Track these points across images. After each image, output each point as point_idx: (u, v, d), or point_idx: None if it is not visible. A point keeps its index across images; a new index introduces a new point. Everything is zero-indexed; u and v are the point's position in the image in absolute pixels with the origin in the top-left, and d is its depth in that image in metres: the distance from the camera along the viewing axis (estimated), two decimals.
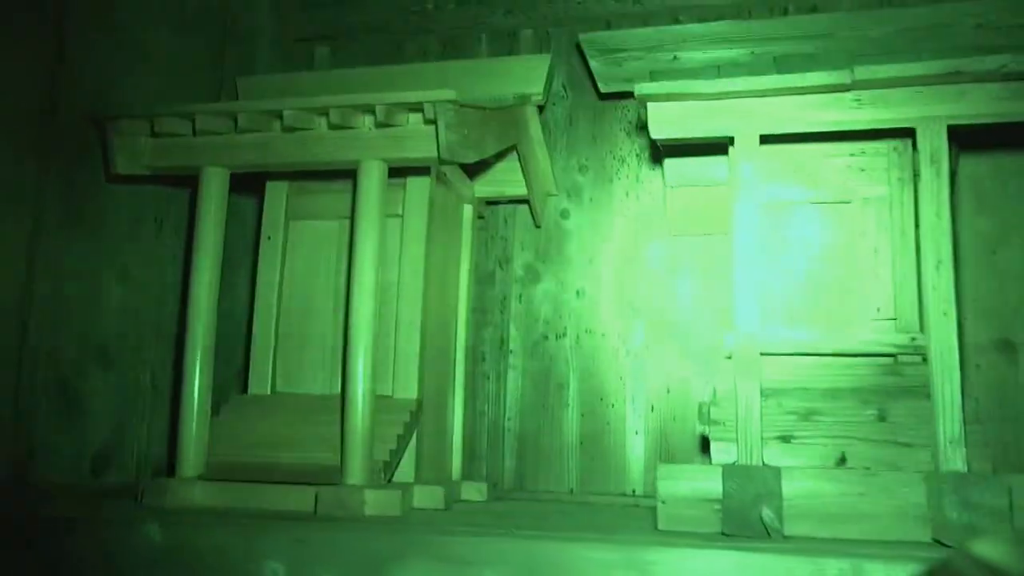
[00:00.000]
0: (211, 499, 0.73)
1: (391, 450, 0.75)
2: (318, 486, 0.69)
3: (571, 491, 0.97)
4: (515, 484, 0.99)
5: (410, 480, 0.79)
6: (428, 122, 0.72)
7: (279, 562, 0.60)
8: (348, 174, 0.80)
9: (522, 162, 0.97)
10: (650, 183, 1.02)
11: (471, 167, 0.96)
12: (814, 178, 0.75)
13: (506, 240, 1.06)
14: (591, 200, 1.04)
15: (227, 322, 0.92)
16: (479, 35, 1.08)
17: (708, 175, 0.84)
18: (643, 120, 0.71)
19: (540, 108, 0.96)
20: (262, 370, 0.86)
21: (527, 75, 0.91)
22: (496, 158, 0.97)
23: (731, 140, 0.70)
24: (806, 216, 0.75)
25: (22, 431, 0.74)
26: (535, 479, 0.99)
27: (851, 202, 0.74)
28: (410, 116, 0.73)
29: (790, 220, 0.75)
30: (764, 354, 0.68)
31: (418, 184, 0.85)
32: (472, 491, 0.90)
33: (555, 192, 1.04)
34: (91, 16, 0.84)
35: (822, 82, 0.65)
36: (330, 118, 0.73)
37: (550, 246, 1.04)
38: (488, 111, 0.79)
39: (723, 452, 0.67)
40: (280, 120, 0.75)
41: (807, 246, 0.75)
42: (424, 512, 0.75)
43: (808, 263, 0.75)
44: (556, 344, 1.01)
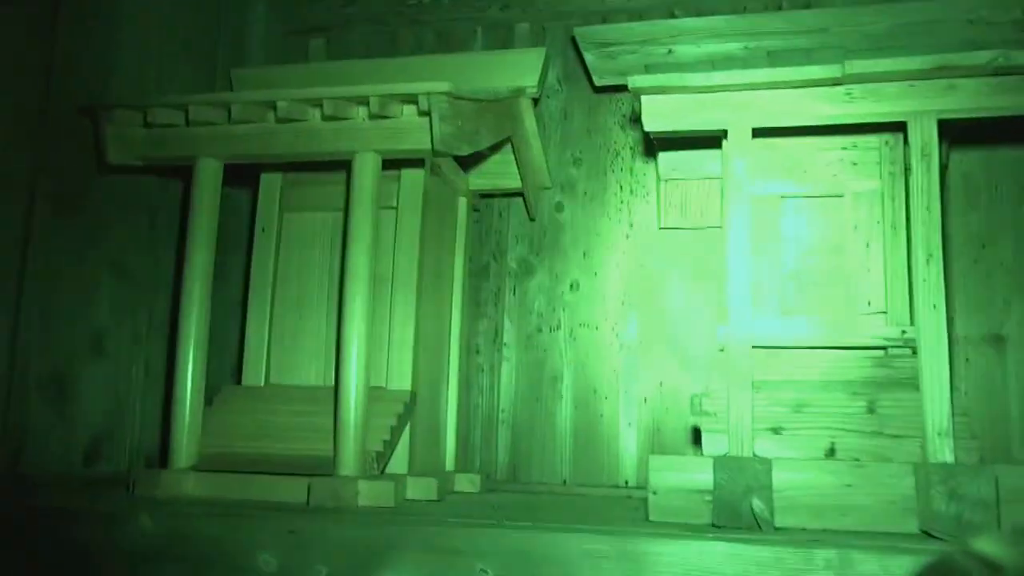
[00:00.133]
0: (204, 490, 0.73)
1: (385, 441, 0.76)
2: (311, 477, 0.70)
3: (564, 482, 0.98)
4: (508, 475, 0.99)
5: (404, 471, 0.80)
6: (422, 114, 0.72)
7: (272, 553, 0.60)
8: (342, 166, 0.80)
9: (516, 155, 0.97)
10: (644, 176, 1.03)
11: (465, 160, 0.96)
12: (807, 172, 0.75)
13: (500, 233, 1.06)
14: (585, 193, 1.04)
15: (221, 313, 0.92)
16: (474, 28, 1.08)
17: (701, 168, 0.85)
18: (637, 113, 0.71)
19: (535, 101, 0.96)
20: (256, 361, 0.86)
21: (522, 68, 0.91)
22: (491, 151, 0.97)
23: (724, 133, 0.70)
24: (798, 210, 0.76)
25: (14, 422, 0.74)
26: (528, 471, 0.99)
27: (843, 196, 0.75)
28: (404, 108, 0.73)
29: (783, 213, 0.76)
30: (756, 347, 0.69)
31: (412, 176, 0.85)
32: (466, 482, 0.90)
33: (549, 185, 1.04)
34: (85, 6, 0.83)
35: (814, 76, 0.65)
36: (324, 109, 0.73)
37: (544, 239, 1.04)
38: (483, 103, 0.79)
39: (714, 444, 0.68)
40: (274, 111, 0.74)
41: (799, 239, 0.75)
42: (417, 503, 0.75)
43: (800, 256, 0.75)
44: (550, 337, 1.02)
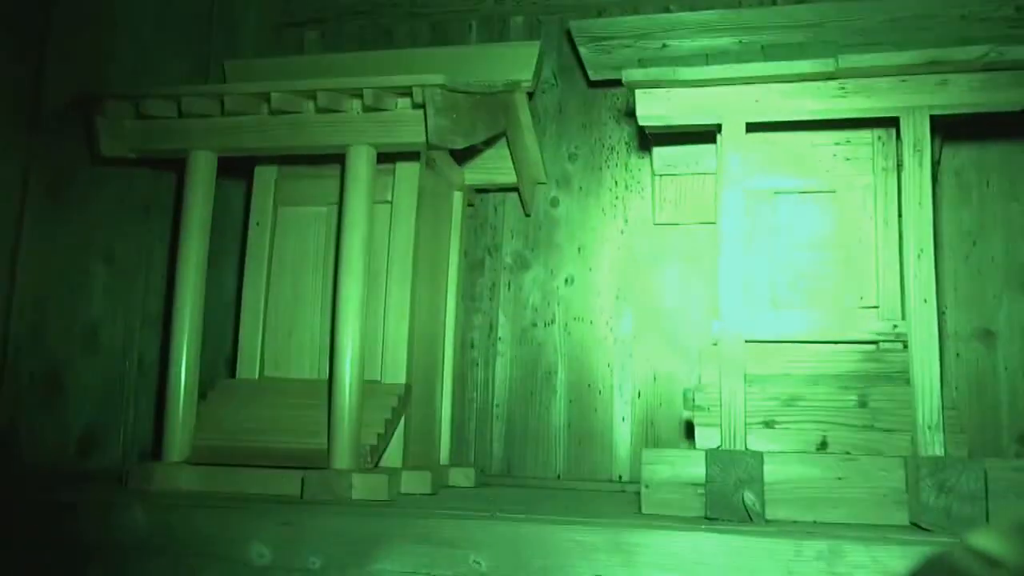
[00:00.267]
0: (197, 483, 0.73)
1: (379, 434, 0.76)
2: (305, 470, 0.70)
3: (558, 476, 0.98)
4: (503, 469, 1.00)
5: (398, 465, 0.80)
6: (417, 106, 0.71)
7: (265, 545, 0.60)
8: (337, 159, 0.80)
9: (512, 150, 0.97)
10: (639, 171, 1.03)
11: (460, 154, 0.96)
12: (800, 167, 0.75)
13: (495, 228, 1.06)
14: (580, 188, 1.04)
15: (215, 307, 0.92)
16: (469, 22, 1.08)
17: (695, 164, 0.85)
18: (632, 107, 0.71)
19: (530, 95, 0.96)
20: (250, 355, 0.86)
21: (517, 62, 0.91)
22: (485, 145, 0.96)
23: (718, 128, 0.70)
24: (792, 205, 0.76)
25: (6, 415, 0.74)
26: (522, 465, 0.99)
27: (836, 191, 0.75)
28: (399, 101, 0.73)
29: (776, 209, 0.76)
30: (749, 341, 0.69)
31: (407, 170, 0.85)
32: (460, 476, 0.91)
33: (544, 180, 1.04)
34: None
35: (807, 70, 0.65)
36: (318, 102, 0.72)
37: (539, 234, 1.04)
38: (478, 97, 0.79)
39: (707, 437, 0.68)
40: (268, 103, 0.74)
41: (792, 235, 0.76)
42: (411, 496, 0.75)
43: (793, 252, 0.76)
44: (545, 331, 1.02)
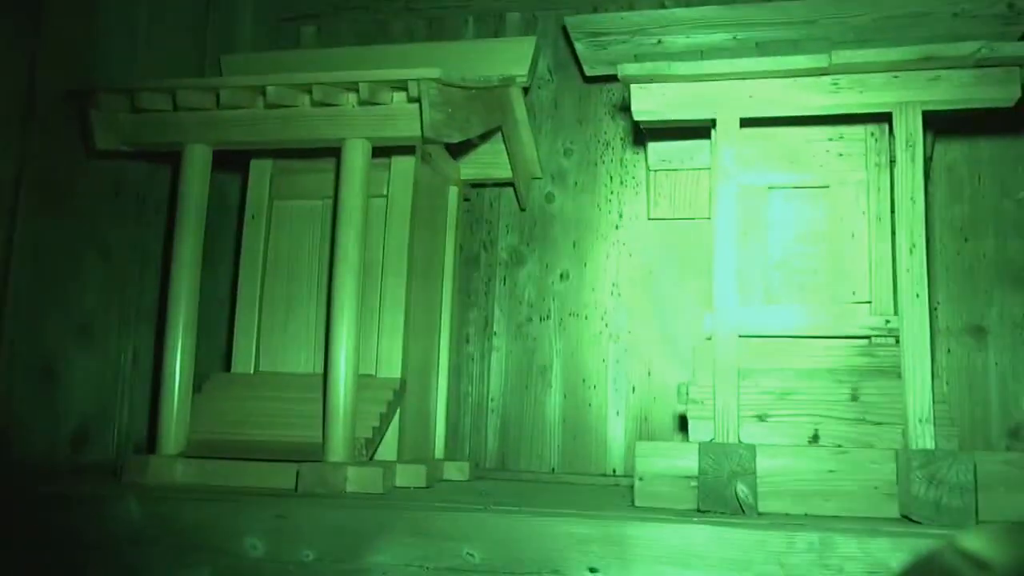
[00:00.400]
0: (192, 477, 0.73)
1: (373, 428, 0.76)
2: (300, 463, 0.70)
3: (552, 470, 0.98)
4: (497, 463, 1.00)
5: (392, 459, 0.80)
6: (412, 100, 0.72)
7: (259, 537, 0.61)
8: (333, 153, 0.80)
9: (507, 145, 0.97)
10: (634, 167, 1.03)
11: (456, 149, 0.96)
12: (794, 163, 0.76)
13: (491, 223, 1.06)
14: (576, 184, 1.04)
15: (210, 301, 0.92)
16: (465, 17, 1.08)
17: (690, 159, 0.85)
18: (627, 102, 0.71)
19: (525, 90, 0.96)
20: (245, 349, 0.86)
21: (512, 57, 0.91)
22: (481, 140, 0.97)
23: (713, 123, 0.71)
24: (785, 200, 0.76)
25: (0, 408, 0.74)
26: (517, 459, 1.00)
27: (829, 187, 0.75)
28: (394, 94, 0.73)
29: (770, 204, 0.76)
30: (742, 336, 0.69)
31: (403, 164, 0.85)
32: (454, 470, 0.91)
33: (540, 175, 1.04)
34: None
35: (801, 65, 0.66)
36: (313, 95, 0.72)
37: (535, 229, 1.05)
38: (473, 91, 0.79)
39: (701, 431, 0.68)
40: (263, 97, 0.74)
41: (786, 230, 0.76)
42: (406, 490, 0.76)
43: (787, 247, 0.76)
44: (540, 326, 1.02)
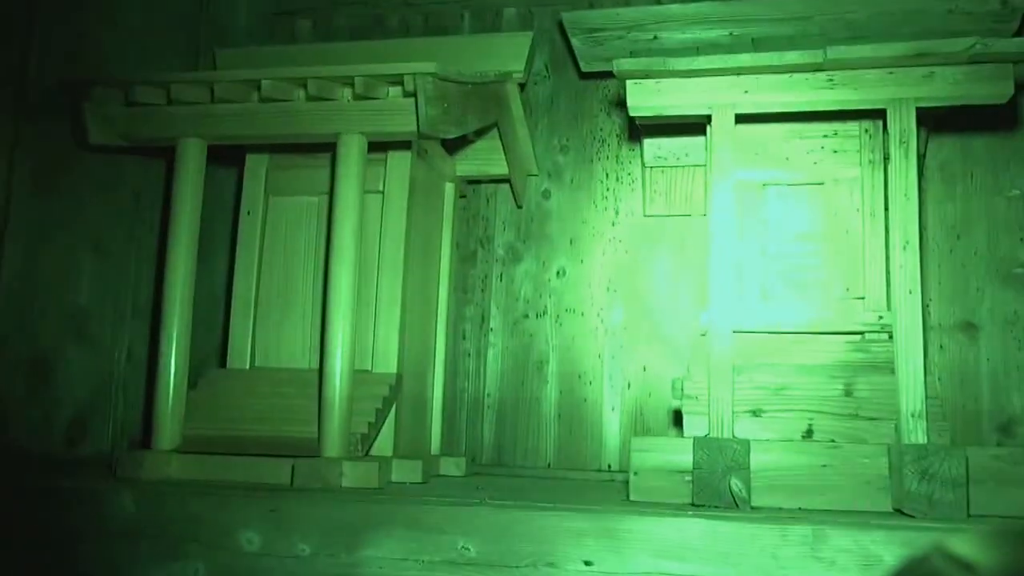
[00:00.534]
0: (187, 472, 0.73)
1: (369, 423, 0.76)
2: (295, 458, 0.70)
3: (548, 465, 0.99)
4: (493, 459, 1.00)
5: (388, 454, 0.80)
6: (408, 95, 0.71)
7: (254, 531, 0.61)
8: (328, 148, 0.80)
9: (503, 141, 0.97)
10: (629, 164, 1.03)
11: (452, 145, 0.96)
12: (789, 159, 0.76)
13: (488, 220, 1.06)
14: (572, 181, 1.04)
15: (205, 296, 0.91)
16: (462, 12, 1.07)
17: (685, 156, 0.85)
18: (623, 98, 0.71)
19: (521, 87, 0.96)
20: (241, 344, 0.85)
21: (509, 53, 0.91)
22: (477, 136, 0.97)
23: (708, 119, 0.71)
24: (780, 197, 0.77)
25: None
26: (513, 454, 1.00)
27: (824, 183, 0.76)
28: (390, 89, 0.73)
29: (765, 200, 0.77)
30: (737, 332, 0.70)
31: (399, 159, 0.85)
32: (451, 465, 0.91)
33: (536, 172, 1.04)
34: None
35: (796, 61, 0.66)
36: (308, 90, 0.72)
37: (531, 226, 1.05)
38: (469, 87, 0.79)
39: (695, 425, 0.69)
40: (258, 91, 0.74)
41: (781, 226, 0.76)
42: (402, 485, 0.76)
43: (781, 243, 0.76)
44: (536, 323, 1.02)
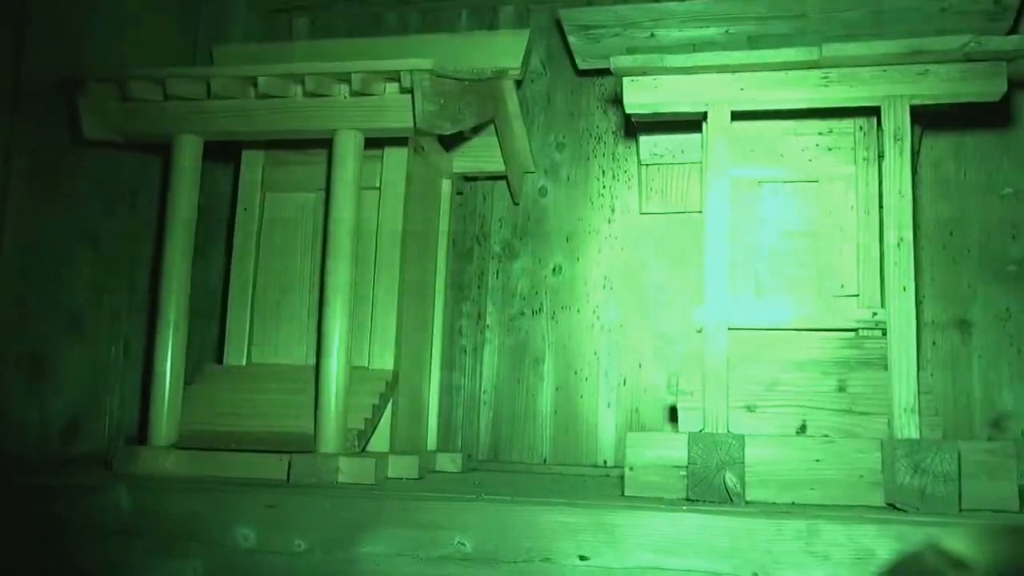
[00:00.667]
0: (183, 468, 0.73)
1: (366, 419, 0.76)
2: (292, 454, 0.70)
3: (544, 461, 0.99)
4: (489, 455, 1.00)
5: (385, 450, 0.80)
6: (404, 91, 0.72)
7: (250, 527, 0.61)
8: (325, 144, 0.80)
9: (500, 138, 0.98)
10: (625, 161, 1.03)
11: (449, 141, 0.96)
12: (784, 157, 0.76)
13: (484, 217, 1.06)
14: (568, 178, 1.05)
15: (202, 292, 0.91)
16: (459, 10, 1.07)
17: (680, 153, 0.86)
18: (619, 95, 0.71)
19: (518, 84, 0.96)
20: (238, 341, 0.85)
21: (506, 50, 0.91)
22: (474, 133, 0.97)
23: (704, 116, 0.71)
24: (775, 194, 0.77)
25: None
26: (509, 450, 1.00)
27: (818, 181, 0.76)
28: (386, 85, 0.73)
29: (760, 197, 0.77)
30: (732, 328, 0.70)
31: (395, 156, 0.85)
32: (447, 461, 0.91)
33: (533, 169, 1.04)
34: None
35: (792, 58, 0.66)
36: (305, 86, 0.72)
37: (528, 223, 1.05)
38: (466, 83, 0.79)
39: (690, 421, 0.69)
40: (255, 87, 0.74)
41: (776, 223, 0.77)
42: (398, 481, 0.76)
43: (777, 240, 0.77)
44: (532, 319, 1.03)
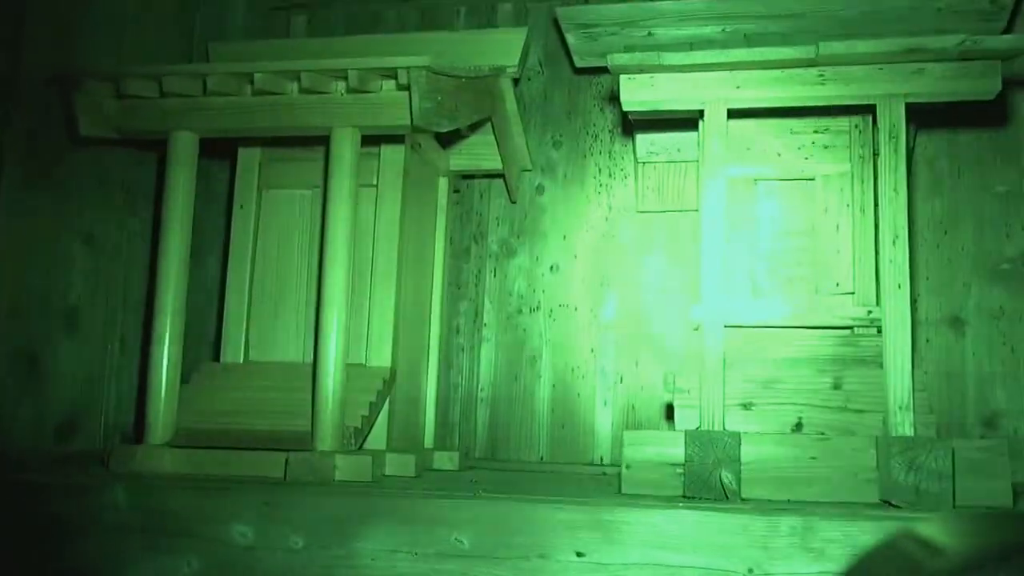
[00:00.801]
0: (180, 465, 0.72)
1: (363, 417, 0.76)
2: (289, 452, 0.70)
3: (541, 459, 0.99)
4: (487, 453, 1.00)
5: (382, 448, 0.80)
6: (401, 88, 0.72)
7: (247, 524, 0.61)
8: (321, 141, 0.79)
9: (497, 136, 0.98)
10: (622, 159, 1.04)
11: (446, 139, 0.96)
12: (780, 155, 0.77)
13: (481, 215, 1.06)
14: (565, 176, 1.05)
15: (199, 289, 0.91)
16: (457, 8, 1.07)
17: (676, 151, 0.86)
18: (616, 93, 0.72)
19: (515, 82, 0.96)
20: (235, 338, 0.85)
21: (503, 48, 0.91)
22: (471, 131, 0.97)
23: (701, 114, 0.71)
24: (771, 192, 0.77)
25: None
26: (506, 448, 1.00)
27: (814, 179, 0.76)
28: (383, 83, 0.73)
29: (756, 196, 0.77)
30: (729, 326, 0.70)
31: (392, 153, 0.85)
32: (444, 459, 0.91)
33: (530, 167, 1.04)
34: None
35: (789, 56, 0.66)
36: (302, 83, 0.72)
37: (525, 222, 1.05)
38: (463, 81, 0.79)
39: (687, 419, 0.69)
40: (251, 84, 0.74)
41: (772, 222, 0.77)
42: (395, 478, 0.76)
43: (773, 238, 0.77)
44: (530, 317, 1.03)
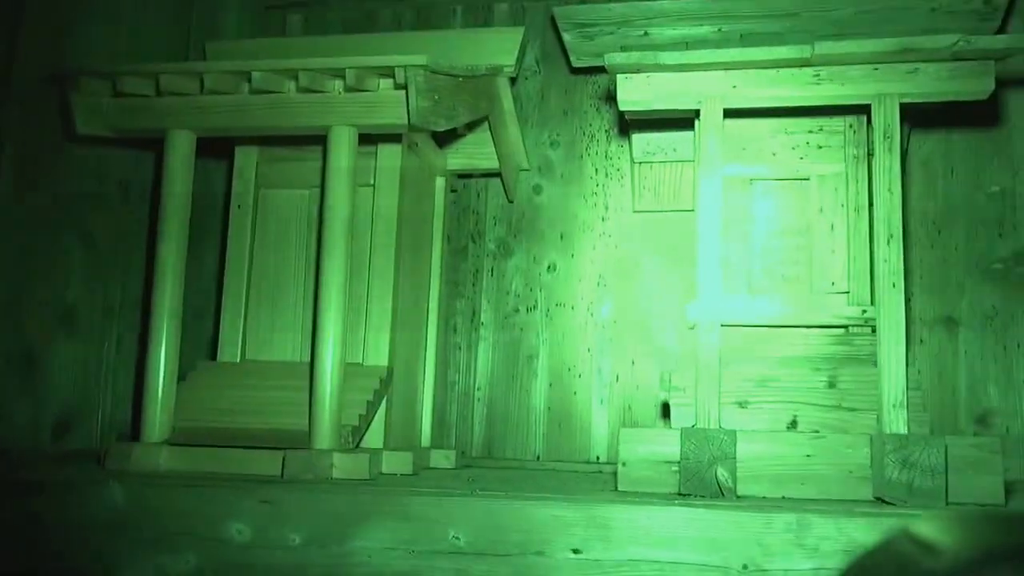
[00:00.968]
0: (177, 464, 0.73)
1: (360, 416, 0.76)
2: (286, 450, 0.70)
3: (537, 458, 0.99)
4: (483, 451, 1.01)
5: (379, 446, 0.80)
6: (399, 87, 0.72)
7: (244, 523, 0.61)
8: (319, 141, 0.79)
9: (494, 135, 0.98)
10: (618, 159, 1.04)
11: (443, 138, 0.96)
12: (775, 155, 0.77)
13: (479, 214, 1.06)
14: (562, 176, 1.05)
15: (196, 288, 0.91)
16: (454, 7, 1.07)
17: (673, 151, 0.86)
18: (613, 92, 0.72)
19: (512, 81, 0.96)
20: (232, 337, 0.85)
21: (500, 47, 0.91)
22: (468, 130, 0.97)
23: (697, 114, 0.72)
24: (767, 191, 0.78)
25: None
26: (503, 447, 1.01)
27: (809, 179, 0.77)
28: (381, 81, 0.73)
29: (752, 195, 0.78)
30: (724, 325, 0.71)
31: (389, 153, 0.85)
32: (441, 458, 0.92)
33: (527, 167, 1.05)
34: None
35: (784, 56, 0.67)
36: (299, 81, 0.72)
37: (523, 221, 1.05)
38: (460, 80, 0.79)
39: (683, 417, 0.70)
40: (248, 82, 0.74)
41: (767, 221, 0.77)
42: (392, 476, 0.76)
43: (768, 238, 0.77)
44: (527, 317, 1.03)
